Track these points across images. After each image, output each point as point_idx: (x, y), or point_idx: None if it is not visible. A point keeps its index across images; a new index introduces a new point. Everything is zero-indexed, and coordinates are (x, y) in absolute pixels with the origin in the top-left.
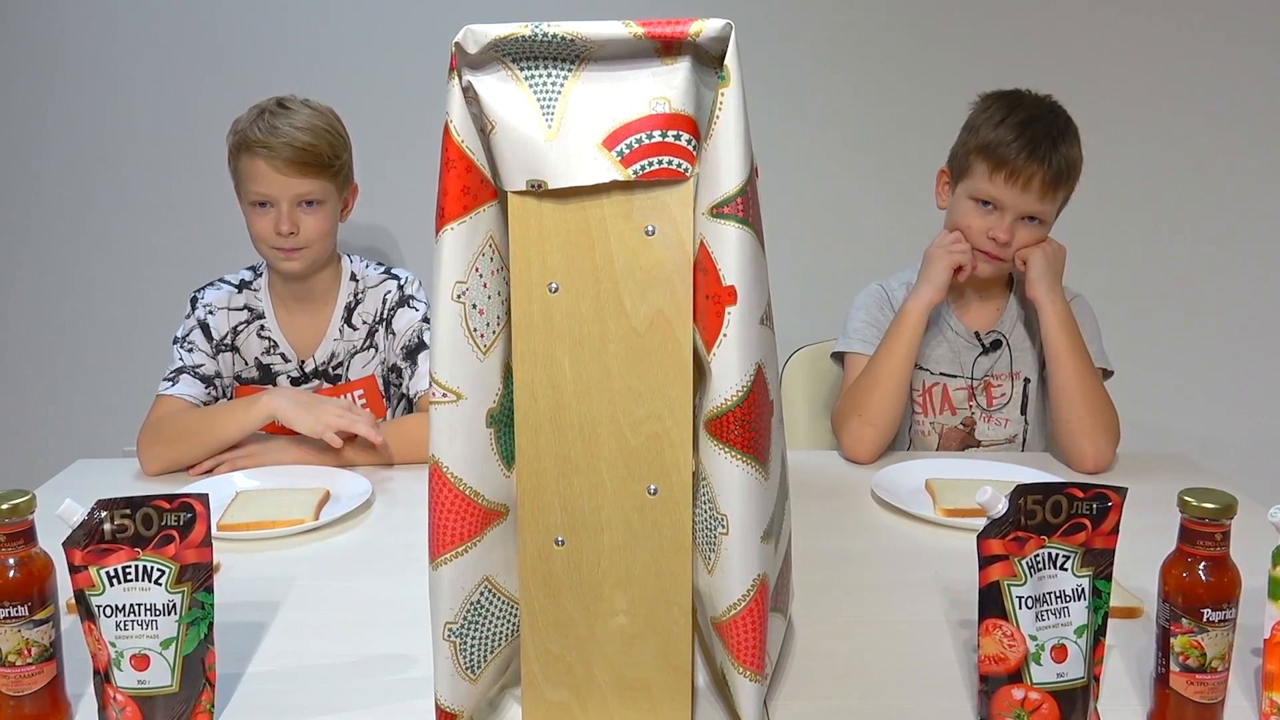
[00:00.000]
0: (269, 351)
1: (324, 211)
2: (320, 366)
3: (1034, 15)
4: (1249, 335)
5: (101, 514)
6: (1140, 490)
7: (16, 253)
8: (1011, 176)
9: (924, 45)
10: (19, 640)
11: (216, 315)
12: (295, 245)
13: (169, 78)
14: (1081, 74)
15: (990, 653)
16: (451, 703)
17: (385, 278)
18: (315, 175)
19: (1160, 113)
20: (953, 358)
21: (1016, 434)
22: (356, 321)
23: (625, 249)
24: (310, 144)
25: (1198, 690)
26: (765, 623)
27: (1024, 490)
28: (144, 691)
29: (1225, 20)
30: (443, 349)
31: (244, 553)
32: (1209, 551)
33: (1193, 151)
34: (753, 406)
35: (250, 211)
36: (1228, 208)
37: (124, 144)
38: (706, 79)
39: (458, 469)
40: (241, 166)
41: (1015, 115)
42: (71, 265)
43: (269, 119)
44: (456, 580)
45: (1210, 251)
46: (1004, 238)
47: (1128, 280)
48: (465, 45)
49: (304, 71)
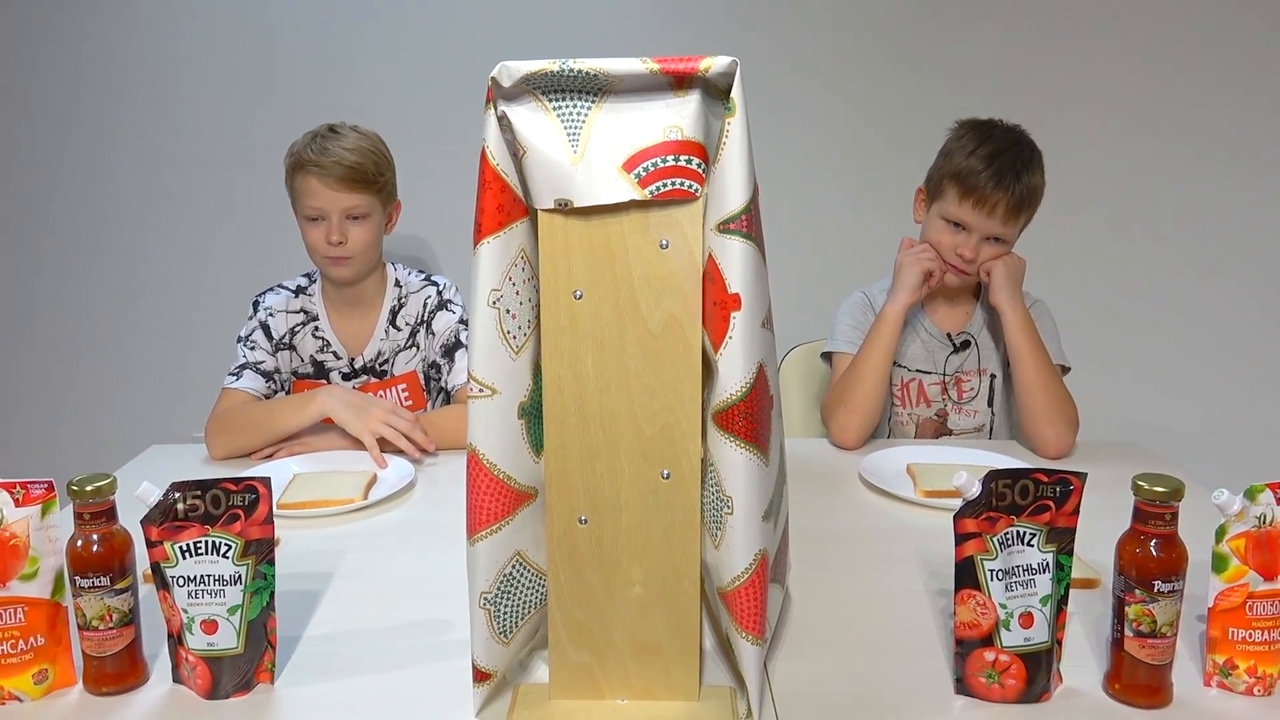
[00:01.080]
0: (322, 350)
1: (369, 224)
2: (368, 363)
3: (1007, 50)
4: (1195, 335)
5: (175, 495)
6: (1099, 475)
7: (98, 261)
8: (979, 204)
9: (906, 79)
10: (101, 607)
11: (276, 317)
12: (344, 254)
13: (232, 103)
14: (1046, 105)
15: (965, 619)
16: (486, 663)
17: (425, 284)
18: (361, 190)
19: (1115, 136)
20: (927, 356)
21: (984, 424)
22: (400, 323)
23: (642, 260)
24: (357, 163)
25: (1149, 653)
26: (766, 592)
27: (995, 475)
28: (213, 653)
29: (1174, 55)
30: (480, 349)
31: (301, 529)
32: (1159, 530)
33: (1147, 169)
34: (755, 400)
35: (304, 224)
36: (1176, 223)
37: (192, 161)
38: (715, 109)
39: (492, 456)
40: (297, 184)
41: (985, 146)
42: (144, 273)
43: (321, 142)
44: (491, 555)
45: (1161, 261)
46: (970, 255)
47: (1088, 286)
48: (500, 79)
49: (353, 100)
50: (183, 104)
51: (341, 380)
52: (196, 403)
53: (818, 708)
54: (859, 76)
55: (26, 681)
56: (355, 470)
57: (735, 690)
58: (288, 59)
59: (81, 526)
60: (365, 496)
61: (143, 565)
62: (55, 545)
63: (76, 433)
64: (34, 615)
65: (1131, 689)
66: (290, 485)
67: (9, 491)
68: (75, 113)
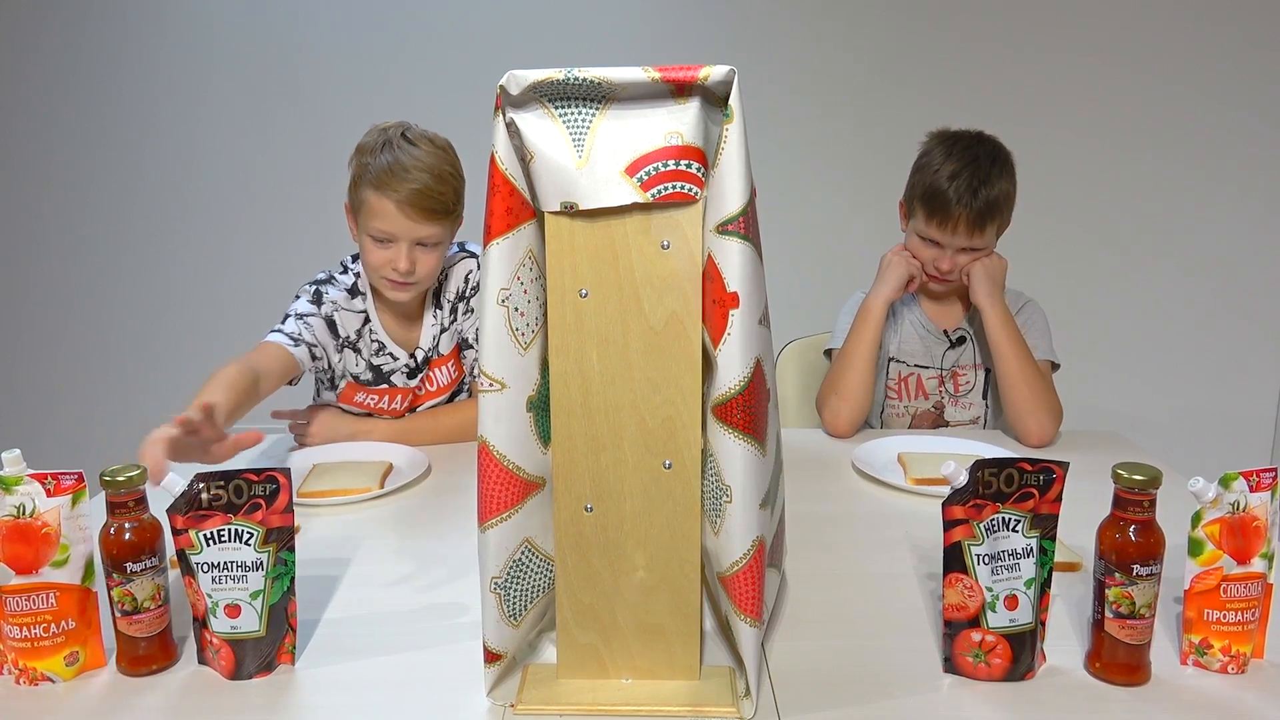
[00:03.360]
0: (379, 353)
1: (439, 251)
2: (428, 354)
3: (992, 59)
4: (1173, 333)
5: (200, 485)
6: (1081, 463)
7: (126, 263)
8: (942, 224)
9: (896, 86)
10: (153, 587)
11: (341, 314)
12: (409, 281)
13: (257, 109)
14: (1028, 110)
15: (953, 601)
16: (497, 645)
17: (462, 255)
18: (437, 220)
19: (1093, 140)
20: (924, 351)
21: (979, 416)
22: (442, 301)
23: (644, 260)
24: (438, 191)
25: (1128, 634)
26: (763, 577)
27: (982, 464)
28: (236, 635)
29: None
30: (489, 345)
31: (320, 516)
32: (1138, 516)
33: (1125, 172)
34: (753, 394)
35: (368, 242)
36: (1153, 226)
37: (217, 164)
38: (713, 116)
39: (502, 447)
40: (365, 198)
41: (948, 164)
42: (171, 273)
43: (399, 156)
44: (501, 541)
45: (1141, 265)
46: (946, 268)
47: (1073, 288)
48: (508, 87)
49: (371, 105)
50: (209, 110)
51: (408, 379)
52: None
53: (812, 686)
54: (851, 84)
55: (59, 663)
56: (372, 460)
57: (734, 670)
58: (310, 66)
59: (115, 515)
60: (381, 485)
61: (168, 552)
62: (85, 533)
63: (106, 424)
64: (65, 600)
65: (1111, 668)
66: (309, 475)
67: (41, 482)
68: (107, 119)
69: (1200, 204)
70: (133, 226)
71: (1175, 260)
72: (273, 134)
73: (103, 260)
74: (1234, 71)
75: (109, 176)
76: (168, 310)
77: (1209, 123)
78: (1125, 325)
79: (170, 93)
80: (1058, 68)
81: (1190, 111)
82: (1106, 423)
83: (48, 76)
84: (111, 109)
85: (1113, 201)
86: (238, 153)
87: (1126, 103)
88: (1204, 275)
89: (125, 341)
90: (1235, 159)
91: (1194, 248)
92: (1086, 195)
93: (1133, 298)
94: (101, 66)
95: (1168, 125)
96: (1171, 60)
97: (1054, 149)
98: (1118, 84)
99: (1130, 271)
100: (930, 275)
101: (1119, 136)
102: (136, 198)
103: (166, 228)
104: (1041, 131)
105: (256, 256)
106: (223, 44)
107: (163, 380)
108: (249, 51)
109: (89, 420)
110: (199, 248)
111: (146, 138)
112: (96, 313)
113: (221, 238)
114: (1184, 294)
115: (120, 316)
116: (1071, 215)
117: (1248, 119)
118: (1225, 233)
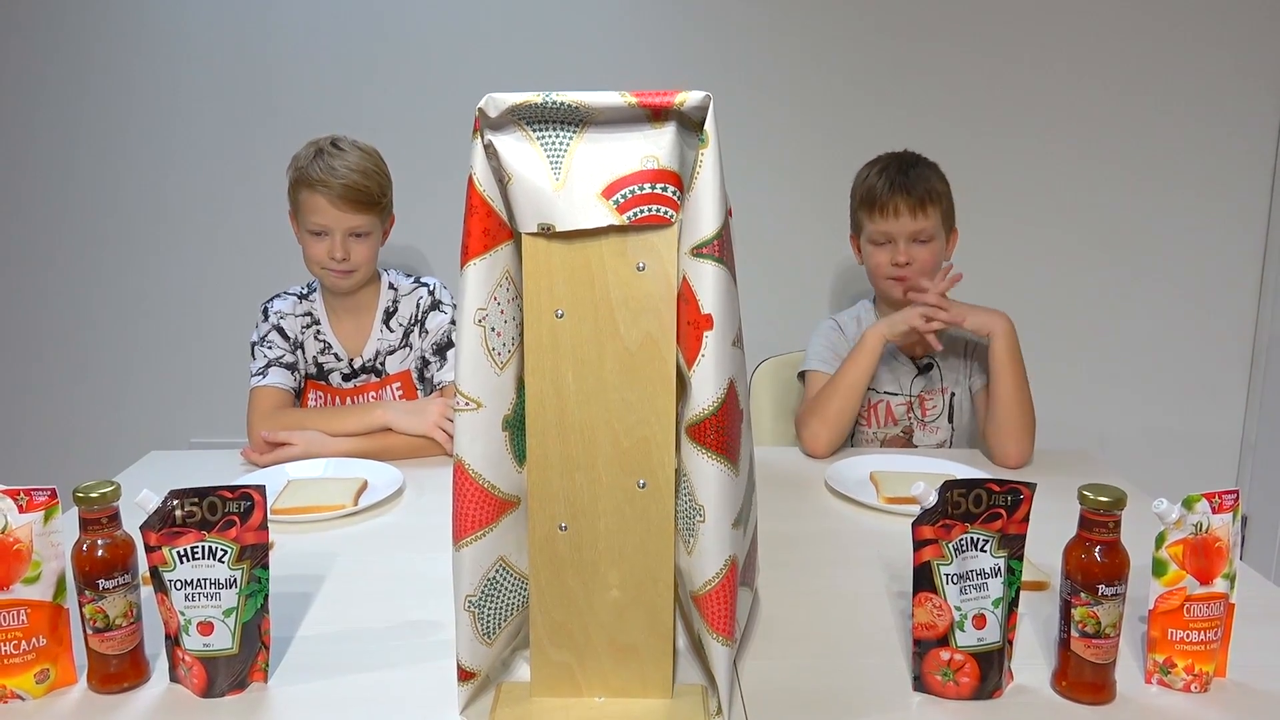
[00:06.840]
0: (324, 352)
1: (371, 240)
2: (366, 363)
3: (962, 79)
4: (1142, 351)
5: (173, 502)
6: (1048, 483)
7: (99, 272)
8: (883, 210)
9: (869, 110)
10: (125, 604)
11: (287, 320)
12: (346, 269)
13: (233, 118)
14: (994, 128)
15: (922, 620)
16: (471, 663)
17: (416, 286)
18: (365, 211)
19: (1066, 167)
20: (893, 379)
21: (945, 439)
22: (394, 325)
23: (620, 282)
24: (364, 185)
25: (1094, 652)
26: (735, 596)
27: (951, 485)
28: (208, 653)
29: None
30: (466, 364)
31: (294, 533)
32: (1103, 537)
33: (1097, 198)
34: (726, 415)
35: (307, 238)
36: (1123, 249)
37: (192, 172)
38: (689, 140)
39: (478, 466)
40: (302, 199)
41: (874, 167)
42: (145, 283)
43: (327, 159)
44: (476, 560)
45: (1110, 284)
46: (902, 259)
47: (1041, 305)
48: (487, 110)
49: (350, 118)
50: (184, 117)
51: (342, 381)
52: (194, 410)
53: (784, 704)
54: (824, 110)
55: (29, 680)
56: (347, 477)
57: (707, 688)
58: (287, 77)
59: (88, 532)
60: (356, 502)
61: (141, 569)
62: (57, 550)
63: (79, 439)
64: (36, 617)
65: (1077, 686)
66: (284, 491)
67: (13, 498)
68: (80, 124)
69: (1169, 223)
70: (107, 239)
71: (1144, 279)
72: (250, 144)
73: (75, 275)
74: (1207, 93)
75: (80, 190)
76: (143, 326)
77: (1178, 143)
78: (1094, 343)
79: (143, 101)
80: (1022, 84)
81: (1160, 132)
82: (1076, 439)
83: (11, 80)
84: (83, 115)
85: (1081, 219)
86: (213, 162)
87: (1096, 121)
88: (1173, 295)
89: (99, 357)
90: (1205, 179)
91: (1162, 267)
92: (1055, 213)
93: (1102, 316)
94: (71, 70)
95: (1138, 145)
96: (1143, 79)
97: (1022, 169)
98: (1087, 104)
99: (1099, 290)
100: (894, 278)
101: (1087, 156)
102: (111, 211)
103: (142, 241)
104: (1011, 153)
105: (230, 268)
106: (200, 54)
107: (137, 396)
108: (224, 60)
109: (62, 436)
110: (174, 264)
111: (119, 146)
112: (69, 329)
113: (198, 252)
114: (1154, 313)
115: (94, 332)
116: (1040, 233)
117: (1218, 139)
118: (1193, 252)
